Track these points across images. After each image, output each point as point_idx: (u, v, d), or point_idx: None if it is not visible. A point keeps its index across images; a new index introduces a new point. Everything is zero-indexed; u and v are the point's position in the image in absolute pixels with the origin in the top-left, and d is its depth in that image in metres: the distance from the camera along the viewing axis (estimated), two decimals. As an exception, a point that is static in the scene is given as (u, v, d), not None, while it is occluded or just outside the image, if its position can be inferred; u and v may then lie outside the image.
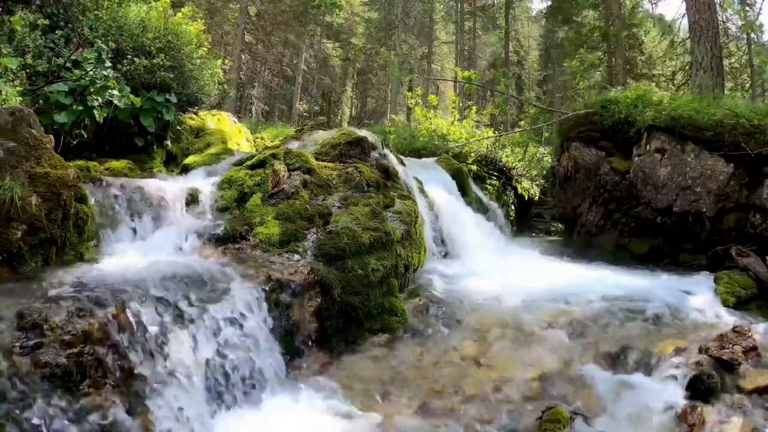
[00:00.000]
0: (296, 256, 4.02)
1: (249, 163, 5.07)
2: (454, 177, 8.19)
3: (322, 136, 6.51)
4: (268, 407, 3.07)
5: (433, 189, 7.03)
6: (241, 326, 3.22)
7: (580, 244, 7.53)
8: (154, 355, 2.70)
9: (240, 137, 9.01)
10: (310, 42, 28.74)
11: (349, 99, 38.37)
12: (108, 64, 5.52)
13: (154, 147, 6.71)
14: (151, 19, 6.71)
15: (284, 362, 3.41)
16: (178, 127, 7.16)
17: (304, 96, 29.79)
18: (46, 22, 5.53)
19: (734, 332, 3.53)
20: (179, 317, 2.94)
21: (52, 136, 3.59)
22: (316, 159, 5.61)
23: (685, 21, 10.64)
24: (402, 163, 6.90)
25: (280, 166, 5.03)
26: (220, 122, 8.65)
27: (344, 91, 37.21)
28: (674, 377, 3.27)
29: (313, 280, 3.78)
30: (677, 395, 3.15)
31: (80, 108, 5.15)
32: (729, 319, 4.15)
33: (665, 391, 3.21)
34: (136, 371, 2.58)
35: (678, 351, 3.48)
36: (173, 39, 6.83)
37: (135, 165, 5.79)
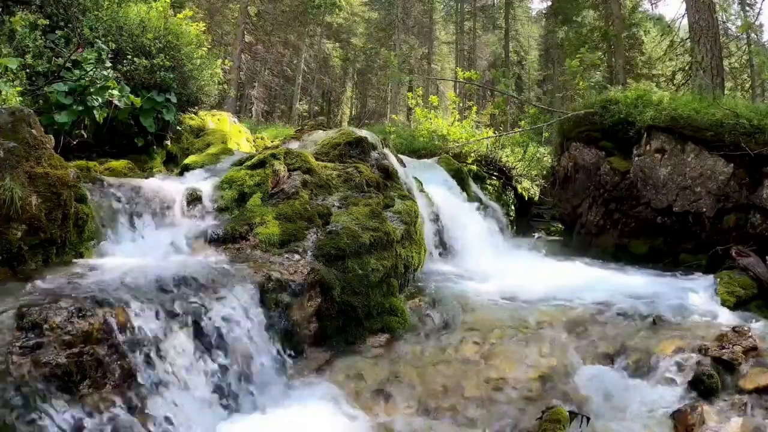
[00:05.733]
0: (296, 256, 4.02)
1: (249, 163, 5.07)
2: (454, 177, 8.18)
3: (321, 136, 6.50)
4: (267, 407, 3.07)
5: (433, 189, 7.02)
6: (240, 326, 3.21)
7: (580, 244, 7.53)
8: (153, 355, 2.70)
9: (240, 137, 9.01)
10: (310, 42, 28.73)
11: (349, 99, 38.36)
12: (108, 64, 5.52)
13: (154, 147, 6.72)
14: (151, 19, 6.71)
15: (284, 362, 3.41)
16: (178, 127, 7.16)
17: (304, 96, 29.79)
18: (46, 22, 5.53)
19: (734, 332, 3.53)
20: (179, 317, 2.94)
21: (52, 136, 3.59)
22: (316, 159, 5.61)
23: (685, 21, 10.65)
24: (402, 163, 6.89)
25: (280, 166, 5.03)
26: (220, 122, 8.65)
27: (344, 91, 37.20)
28: (674, 377, 3.28)
29: (313, 280, 3.78)
30: (677, 395, 3.15)
31: (80, 108, 5.15)
32: (729, 319, 4.15)
33: (665, 391, 3.21)
34: (135, 371, 2.58)
35: (678, 351, 3.48)
36: (173, 39, 6.84)
37: (135, 165, 5.80)
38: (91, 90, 5.18)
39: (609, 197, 7.20)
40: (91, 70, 5.17)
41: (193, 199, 4.61)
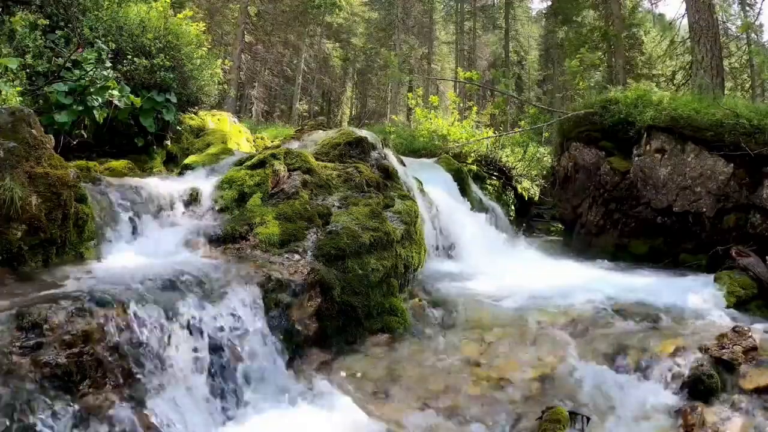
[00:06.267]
0: (296, 256, 4.02)
1: (249, 163, 5.07)
2: (454, 177, 8.19)
3: (322, 136, 6.50)
4: (267, 407, 3.07)
5: (433, 189, 7.02)
6: (240, 326, 3.22)
7: (580, 244, 7.53)
8: (153, 355, 2.70)
9: (240, 137, 9.00)
10: (310, 42, 28.72)
11: (349, 99, 38.36)
12: (108, 64, 5.52)
13: (154, 147, 6.71)
14: (151, 19, 6.71)
15: (284, 362, 3.41)
16: (178, 127, 7.16)
17: (304, 96, 29.78)
18: (46, 22, 5.53)
19: (734, 332, 3.53)
20: (179, 317, 2.94)
21: (52, 136, 3.59)
22: (316, 159, 5.61)
23: (685, 21, 10.65)
24: (402, 163, 6.90)
25: (280, 166, 5.03)
26: (220, 122, 8.65)
27: (344, 91, 37.19)
28: (674, 377, 3.27)
29: (313, 280, 3.78)
30: (677, 395, 3.15)
31: (80, 108, 5.15)
32: (729, 319, 4.15)
33: (665, 391, 3.21)
34: (135, 371, 2.58)
35: (678, 351, 3.48)
36: (173, 39, 6.83)
37: (135, 165, 5.79)
38: (91, 90, 5.18)
39: (609, 197, 7.20)
40: (91, 70, 5.17)
41: (193, 199, 4.61)
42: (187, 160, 6.08)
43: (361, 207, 4.81)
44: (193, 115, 8.00)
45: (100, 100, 5.24)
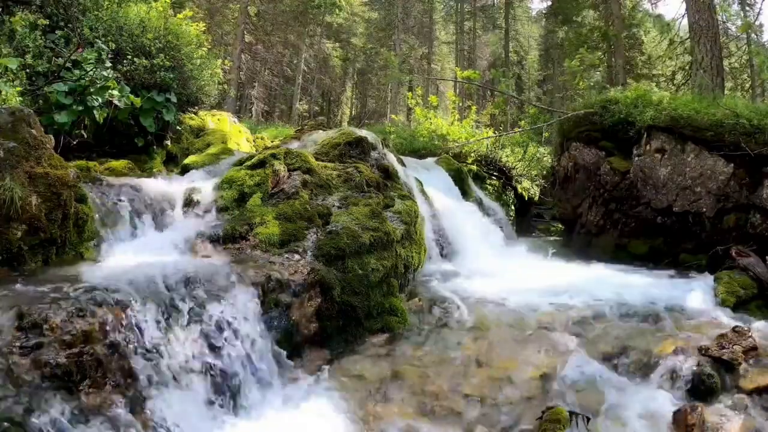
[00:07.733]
0: (296, 256, 4.02)
1: (249, 163, 5.07)
2: (454, 177, 8.19)
3: (322, 136, 6.51)
4: (267, 407, 3.07)
5: (433, 189, 7.02)
6: (240, 326, 3.21)
7: (580, 244, 7.53)
8: (153, 355, 2.70)
9: (240, 137, 9.00)
10: (310, 42, 28.72)
11: (349, 99, 38.35)
12: (108, 64, 5.52)
13: (154, 147, 6.71)
14: (151, 19, 6.71)
15: (284, 362, 3.41)
16: (178, 127, 7.16)
17: (304, 96, 29.78)
18: (46, 22, 5.53)
19: (734, 332, 3.53)
20: (179, 317, 2.94)
21: (52, 136, 3.59)
22: (316, 159, 5.61)
23: (685, 21, 10.66)
24: (402, 163, 6.90)
25: (280, 166, 5.03)
26: (220, 122, 8.64)
27: (344, 91, 37.19)
28: (674, 377, 3.27)
29: (313, 280, 3.78)
30: (677, 395, 3.15)
31: (80, 108, 5.15)
32: (729, 319, 4.15)
33: (665, 391, 3.21)
34: (135, 371, 2.58)
35: (678, 351, 3.47)
36: (173, 39, 6.83)
37: (135, 165, 5.79)
38: (91, 90, 5.18)
39: (609, 197, 7.20)
40: (91, 70, 5.17)
41: (193, 199, 4.61)
42: (187, 160, 6.08)
43: (361, 207, 4.81)
44: (193, 115, 8.00)
45: (100, 100, 5.24)
